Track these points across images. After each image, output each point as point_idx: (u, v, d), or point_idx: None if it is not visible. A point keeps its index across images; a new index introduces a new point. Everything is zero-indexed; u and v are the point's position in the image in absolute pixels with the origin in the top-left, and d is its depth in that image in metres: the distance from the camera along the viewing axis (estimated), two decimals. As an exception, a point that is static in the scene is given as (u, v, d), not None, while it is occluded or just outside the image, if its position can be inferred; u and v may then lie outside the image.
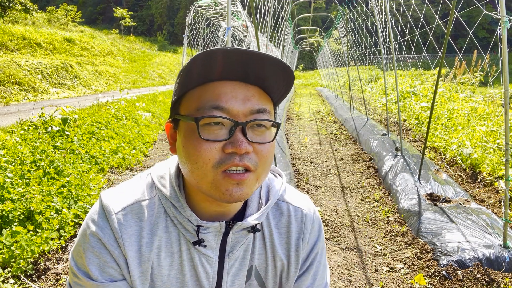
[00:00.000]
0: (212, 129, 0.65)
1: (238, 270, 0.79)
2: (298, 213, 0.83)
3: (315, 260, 0.85)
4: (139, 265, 0.72)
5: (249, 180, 0.67)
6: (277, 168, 0.90)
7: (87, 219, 0.74)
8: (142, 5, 56.58)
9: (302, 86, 28.97)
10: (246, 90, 0.67)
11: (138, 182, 0.79)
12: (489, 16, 2.69)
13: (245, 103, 0.66)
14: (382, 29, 5.86)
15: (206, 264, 0.76)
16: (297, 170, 5.24)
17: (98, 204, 0.74)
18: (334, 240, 3.19)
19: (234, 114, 0.65)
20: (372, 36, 8.03)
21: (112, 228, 0.71)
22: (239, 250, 0.78)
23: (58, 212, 3.08)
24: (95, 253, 0.70)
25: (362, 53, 10.16)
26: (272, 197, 0.80)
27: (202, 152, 0.64)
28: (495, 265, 2.51)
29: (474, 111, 6.82)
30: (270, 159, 0.70)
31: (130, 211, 0.73)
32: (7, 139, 4.40)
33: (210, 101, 0.65)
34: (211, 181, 0.66)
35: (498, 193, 3.97)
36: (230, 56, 0.63)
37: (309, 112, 12.27)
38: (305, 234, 0.83)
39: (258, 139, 0.68)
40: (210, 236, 0.74)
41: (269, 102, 0.71)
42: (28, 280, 2.40)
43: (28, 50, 16.43)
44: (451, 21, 3.14)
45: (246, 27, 6.18)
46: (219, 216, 0.76)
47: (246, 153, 0.65)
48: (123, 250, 0.71)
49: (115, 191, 0.76)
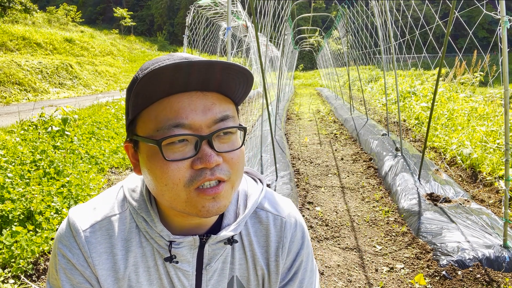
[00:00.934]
0: (177, 148, 0.61)
1: (217, 282, 0.76)
2: (278, 222, 0.79)
3: (300, 268, 0.82)
4: (114, 282, 0.70)
5: (225, 191, 0.64)
6: (257, 173, 0.87)
7: (56, 239, 0.71)
8: (142, 5, 56.60)
9: (302, 86, 28.97)
10: (204, 100, 0.63)
11: (108, 196, 0.75)
12: (489, 16, 2.69)
13: (206, 114, 0.62)
14: (382, 29, 5.86)
15: (183, 278, 0.73)
16: (297, 170, 5.24)
17: (66, 222, 0.71)
18: (334, 240, 3.19)
19: (196, 128, 0.61)
20: (372, 36, 8.04)
21: (80, 247, 0.68)
22: (217, 262, 0.75)
23: (58, 212, 3.08)
24: (67, 275, 0.68)
25: (362, 53, 10.16)
26: (249, 206, 0.76)
27: (170, 173, 0.61)
28: (495, 265, 2.51)
29: (474, 111, 6.82)
30: (242, 164, 0.68)
31: (99, 228, 0.70)
32: (7, 139, 4.40)
33: (169, 119, 0.61)
34: (185, 200, 0.63)
35: (498, 193, 3.97)
36: (179, 70, 0.59)
37: (309, 112, 12.27)
38: (284, 243, 0.79)
39: (226, 147, 0.65)
40: (184, 250, 0.71)
41: (230, 105, 0.67)
42: (28, 280, 2.40)
43: (28, 50, 16.44)
44: (451, 21, 3.14)
45: (246, 27, 6.19)
46: (195, 229, 0.73)
47: (216, 166, 0.62)
48: (93, 270, 0.68)
49: (84, 207, 0.73)
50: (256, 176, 0.86)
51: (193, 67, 0.59)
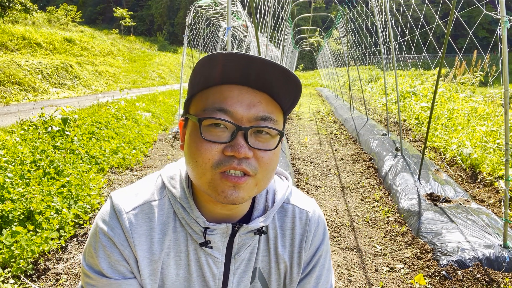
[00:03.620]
0: (215, 131, 0.66)
1: (243, 272, 0.80)
2: (303, 215, 0.84)
3: (318, 263, 0.85)
4: (149, 264, 0.73)
5: (247, 185, 0.67)
6: (284, 171, 0.91)
7: (97, 219, 0.75)
8: (142, 5, 56.58)
9: (302, 86, 28.92)
10: (253, 96, 0.67)
11: (148, 183, 0.80)
12: (489, 16, 2.69)
13: (250, 109, 0.66)
14: (382, 29, 5.86)
15: (213, 264, 0.76)
16: (297, 170, 5.24)
17: (109, 204, 0.75)
18: (334, 240, 3.19)
19: (238, 119, 0.66)
20: (372, 36, 8.03)
21: (123, 227, 0.72)
22: (245, 252, 0.79)
23: (58, 212, 3.08)
24: (106, 252, 0.72)
25: (362, 53, 10.16)
26: (278, 200, 0.81)
27: (203, 151, 0.65)
28: (495, 265, 2.51)
29: (474, 111, 6.82)
30: (272, 166, 0.70)
31: (140, 211, 0.74)
32: (7, 139, 4.40)
33: (215, 103, 0.66)
34: (209, 181, 0.66)
35: (498, 193, 3.97)
36: (233, 60, 0.63)
37: (309, 112, 12.27)
38: (308, 236, 0.83)
39: (260, 145, 0.68)
40: (216, 237, 0.75)
41: (277, 110, 0.71)
42: (28, 280, 2.40)
43: (28, 50, 16.43)
44: (451, 21, 3.14)
45: (246, 27, 6.18)
46: (226, 218, 0.76)
47: (245, 158, 0.65)
48: (133, 249, 0.72)
49: (126, 191, 0.77)
50: (282, 174, 0.91)
51: (252, 63, 0.64)
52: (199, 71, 0.67)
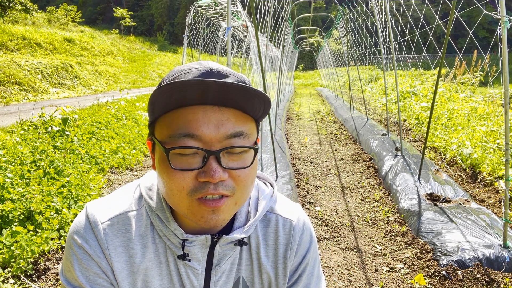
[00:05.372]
0: (185, 158, 0.63)
1: (224, 283, 0.78)
2: (287, 225, 0.81)
3: (305, 272, 0.83)
4: (128, 275, 0.71)
5: (226, 206, 0.65)
6: (268, 177, 0.88)
7: (71, 232, 0.72)
8: (142, 5, 56.57)
9: (302, 86, 28.97)
10: (220, 115, 0.63)
11: (126, 193, 0.77)
12: (489, 16, 2.69)
13: (218, 128, 0.62)
14: (382, 29, 5.86)
15: (192, 276, 0.75)
16: (297, 170, 5.24)
17: (84, 215, 0.72)
18: (334, 240, 3.19)
19: (207, 141, 0.62)
20: (372, 36, 8.03)
21: (98, 239, 0.69)
22: (226, 263, 0.76)
23: (58, 212, 3.08)
24: (83, 266, 0.69)
25: (362, 53, 10.16)
26: (260, 210, 0.78)
27: (175, 181, 0.63)
28: (495, 265, 2.51)
29: (474, 111, 6.82)
30: (250, 182, 0.68)
31: (117, 221, 0.71)
32: (7, 139, 4.40)
33: (180, 128, 0.62)
34: (187, 207, 0.65)
35: (498, 193, 3.97)
36: (191, 86, 0.59)
37: (309, 112, 12.27)
38: (292, 246, 0.80)
39: (235, 164, 0.65)
40: (196, 249, 0.73)
41: (248, 121, 0.67)
42: (28, 280, 2.40)
43: (28, 50, 16.44)
44: (451, 21, 3.14)
45: (246, 27, 6.18)
46: (206, 229, 0.74)
47: (221, 181, 0.63)
48: (109, 261, 0.70)
49: (102, 201, 0.75)
50: (267, 180, 0.88)
51: (208, 87, 0.59)
52: (156, 100, 0.62)
